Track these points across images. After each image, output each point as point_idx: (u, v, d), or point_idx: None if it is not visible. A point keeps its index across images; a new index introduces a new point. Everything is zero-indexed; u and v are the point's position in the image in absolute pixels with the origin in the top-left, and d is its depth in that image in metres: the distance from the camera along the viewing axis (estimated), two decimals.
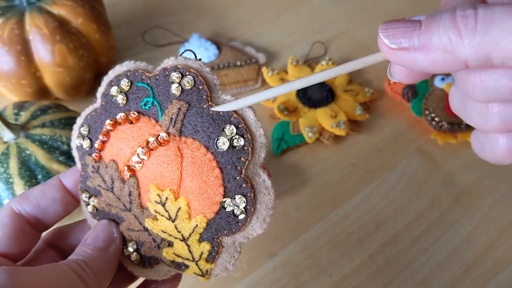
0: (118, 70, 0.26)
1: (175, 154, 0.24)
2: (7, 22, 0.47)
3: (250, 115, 0.24)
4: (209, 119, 0.23)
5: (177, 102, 0.24)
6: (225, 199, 0.23)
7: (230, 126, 0.23)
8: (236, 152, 0.23)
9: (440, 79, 0.54)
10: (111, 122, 0.25)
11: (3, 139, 0.42)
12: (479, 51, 0.17)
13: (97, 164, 0.26)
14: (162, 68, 0.25)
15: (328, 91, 0.54)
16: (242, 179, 0.23)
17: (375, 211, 0.47)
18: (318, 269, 0.44)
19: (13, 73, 0.47)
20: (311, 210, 0.47)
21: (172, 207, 0.24)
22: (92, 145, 0.26)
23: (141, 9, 0.69)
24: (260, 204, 0.24)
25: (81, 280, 0.22)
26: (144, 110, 0.25)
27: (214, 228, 0.24)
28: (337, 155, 0.52)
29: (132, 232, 0.26)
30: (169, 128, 0.24)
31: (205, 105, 0.24)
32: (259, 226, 0.24)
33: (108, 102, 0.26)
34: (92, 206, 0.27)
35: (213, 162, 0.23)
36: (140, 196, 0.25)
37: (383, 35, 0.19)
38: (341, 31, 0.64)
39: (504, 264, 0.44)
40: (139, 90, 0.25)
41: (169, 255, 0.25)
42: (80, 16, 0.50)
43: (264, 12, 0.68)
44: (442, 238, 0.46)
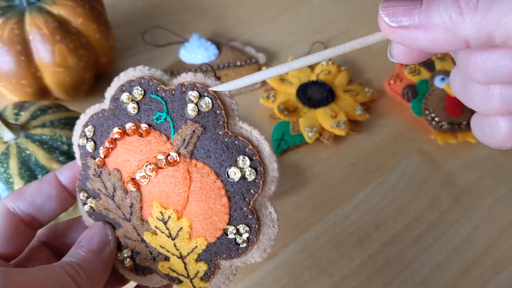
0: (131, 75, 0.25)
1: (183, 176, 0.23)
2: (7, 22, 0.47)
3: (266, 147, 0.23)
4: (223, 147, 0.23)
5: (192, 124, 0.23)
6: (228, 227, 0.23)
7: (244, 157, 0.23)
8: (247, 184, 0.23)
9: (440, 79, 0.54)
10: (119, 131, 0.24)
11: (3, 139, 0.42)
12: (480, 30, 0.17)
13: (100, 169, 0.25)
14: (179, 84, 0.24)
15: (328, 91, 0.54)
16: (249, 211, 0.23)
17: (375, 211, 0.47)
18: (318, 269, 0.44)
19: (13, 73, 0.47)
20: (311, 210, 0.47)
21: (174, 226, 0.24)
22: (96, 148, 0.25)
23: (141, 9, 0.69)
24: (263, 235, 0.24)
25: (75, 282, 0.22)
26: (156, 124, 0.24)
27: (214, 251, 0.24)
28: (337, 155, 0.52)
29: (128, 240, 0.26)
30: (180, 149, 0.23)
31: (221, 132, 0.23)
32: (259, 255, 0.24)
33: (118, 108, 0.25)
34: (89, 206, 0.26)
35: (222, 190, 0.23)
36: (142, 210, 0.24)
37: (383, 13, 0.19)
38: (341, 31, 0.64)
39: (504, 264, 0.44)
40: (152, 102, 0.24)
41: (164, 269, 0.25)
42: (80, 16, 0.50)
43: (264, 12, 0.68)
44: (442, 238, 0.46)
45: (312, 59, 0.22)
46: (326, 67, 0.58)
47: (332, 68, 0.57)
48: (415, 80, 0.55)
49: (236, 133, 0.23)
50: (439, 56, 0.57)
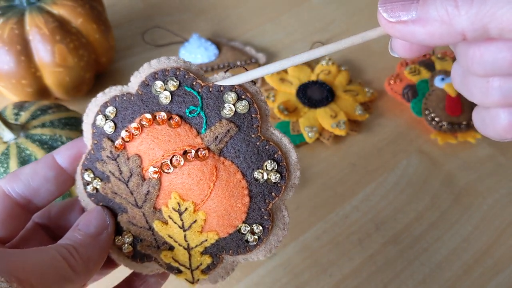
0: (165, 63, 0.24)
1: (210, 171, 0.23)
2: (7, 22, 0.47)
3: (293, 155, 0.24)
4: (254, 149, 0.24)
5: (228, 123, 0.23)
6: (243, 225, 0.24)
7: (272, 162, 0.24)
8: (270, 187, 0.24)
9: (440, 79, 0.54)
10: (149, 118, 0.24)
11: (3, 139, 0.42)
12: (476, 22, 0.17)
13: (117, 153, 0.25)
14: (220, 82, 0.24)
15: (328, 91, 0.54)
16: (267, 212, 0.24)
17: (375, 211, 0.47)
18: (318, 269, 0.44)
19: (13, 73, 0.47)
20: (311, 210, 0.47)
21: (188, 218, 0.24)
22: (115, 130, 0.25)
23: (141, 9, 0.69)
24: (273, 236, 0.25)
25: (69, 266, 0.21)
26: (187, 117, 0.24)
27: (222, 245, 0.25)
28: (337, 155, 0.52)
29: (133, 226, 0.25)
30: (210, 145, 0.23)
31: (254, 135, 0.24)
32: (263, 254, 0.25)
33: (147, 94, 0.24)
34: (92, 187, 0.26)
35: (245, 190, 0.24)
36: (157, 198, 0.25)
37: (382, 9, 0.20)
38: (341, 31, 0.64)
39: (504, 264, 0.44)
40: (187, 94, 0.24)
41: (167, 258, 0.25)
42: (80, 16, 0.50)
43: (264, 12, 0.68)
44: (442, 238, 0.46)
45: (313, 54, 0.22)
46: (326, 67, 0.58)
47: (332, 68, 0.57)
48: (415, 80, 0.55)
49: (267, 138, 0.24)
50: (439, 56, 0.57)
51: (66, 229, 0.25)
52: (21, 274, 0.19)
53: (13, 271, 0.19)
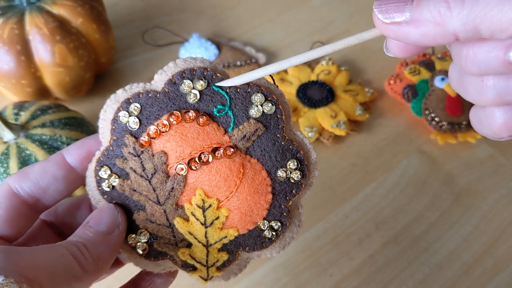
0: (191, 63, 0.25)
1: (238, 169, 0.24)
2: (7, 22, 0.47)
3: (313, 155, 0.26)
4: (280, 149, 0.25)
5: (256, 123, 0.24)
6: (263, 221, 0.25)
7: (295, 161, 0.25)
8: (291, 185, 0.25)
9: (440, 79, 0.54)
10: (178, 115, 0.24)
11: (3, 139, 0.42)
12: (467, 23, 0.17)
13: (141, 149, 0.25)
14: (246, 82, 0.25)
15: (328, 91, 0.54)
16: (286, 209, 0.25)
17: (375, 211, 0.47)
18: (318, 269, 0.44)
19: (13, 73, 0.47)
20: (311, 210, 0.47)
21: (211, 214, 0.25)
22: (140, 126, 0.25)
23: (141, 9, 0.69)
24: (288, 232, 0.26)
25: (79, 264, 0.21)
26: (215, 116, 0.24)
27: (239, 242, 0.25)
28: (337, 155, 0.52)
29: (150, 224, 0.25)
30: (238, 143, 0.24)
31: (279, 135, 0.25)
32: (277, 251, 0.26)
33: (175, 92, 0.24)
34: (108, 184, 0.25)
35: (269, 188, 0.25)
36: (181, 195, 0.25)
37: (377, 10, 0.20)
38: (341, 31, 0.64)
39: (504, 264, 0.44)
40: (215, 94, 0.24)
41: (184, 255, 0.26)
42: (80, 16, 0.50)
43: (264, 12, 0.68)
44: (442, 238, 0.46)
45: (311, 55, 0.23)
46: (326, 67, 0.58)
47: (332, 68, 0.57)
48: (415, 80, 0.55)
49: (291, 138, 0.25)
50: (439, 56, 0.57)
51: (73, 227, 0.25)
52: (30, 273, 0.19)
53: (22, 270, 0.19)
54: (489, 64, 0.19)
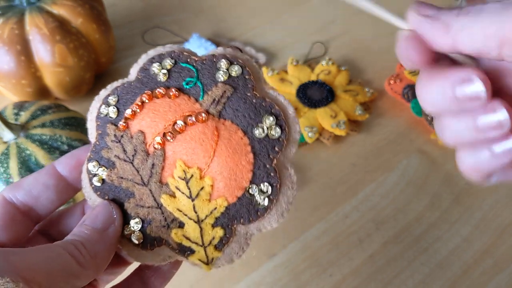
0: (161, 50, 0.26)
1: (212, 132, 0.24)
2: (7, 22, 0.47)
3: (290, 110, 0.25)
4: (252, 106, 0.25)
5: (223, 85, 0.25)
6: (251, 186, 0.24)
7: (271, 116, 0.24)
8: (272, 142, 0.24)
9: None
10: (149, 93, 0.25)
11: (3, 139, 0.42)
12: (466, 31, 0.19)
13: (120, 133, 0.25)
14: (210, 54, 0.26)
15: (328, 91, 0.54)
16: (272, 168, 0.24)
17: (375, 211, 0.47)
18: (319, 269, 0.44)
19: (13, 73, 0.47)
20: (311, 210, 0.47)
21: (196, 185, 0.24)
22: (118, 115, 0.26)
23: (141, 9, 0.69)
24: (282, 196, 0.24)
25: (77, 261, 0.21)
26: (185, 89, 0.25)
27: (232, 214, 0.24)
28: (337, 155, 0.52)
29: (140, 208, 0.25)
30: (209, 108, 0.25)
31: (249, 93, 0.25)
32: (276, 219, 0.25)
33: (146, 76, 0.26)
34: (99, 178, 0.26)
35: (248, 147, 0.24)
36: (163, 171, 0.25)
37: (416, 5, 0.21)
38: (341, 31, 0.64)
39: (504, 264, 0.44)
40: (183, 69, 0.26)
41: (178, 237, 0.25)
42: (80, 16, 0.50)
43: (264, 12, 0.68)
44: (442, 238, 0.46)
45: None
46: (326, 67, 0.58)
47: (332, 68, 0.57)
48: (415, 80, 0.55)
49: (263, 95, 0.25)
50: None
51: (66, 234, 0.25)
52: (27, 273, 0.19)
53: (19, 270, 0.19)
54: (439, 102, 0.19)
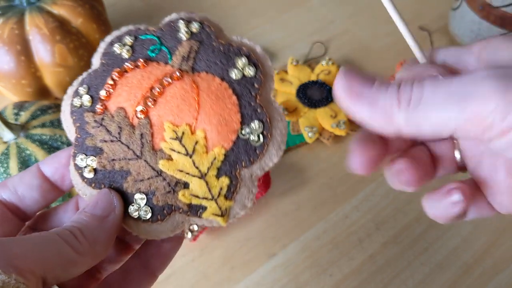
0: (117, 33, 0.27)
1: (190, 86, 0.25)
2: (7, 22, 0.47)
3: (258, 48, 0.26)
4: (221, 53, 0.25)
5: (188, 42, 0.26)
6: (242, 127, 0.24)
7: (241, 57, 0.25)
8: (249, 80, 0.25)
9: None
10: (118, 70, 0.25)
11: (3, 139, 0.42)
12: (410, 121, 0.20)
13: (100, 117, 0.25)
14: (167, 21, 0.27)
15: (328, 91, 0.54)
16: (258, 105, 0.25)
17: (375, 211, 0.47)
18: (318, 269, 0.44)
19: (13, 73, 0.48)
20: (311, 210, 0.47)
21: (189, 141, 0.24)
22: (93, 101, 0.26)
23: (141, 9, 0.69)
24: (275, 129, 0.25)
25: (73, 249, 0.21)
26: (152, 57, 0.26)
27: (232, 160, 0.24)
28: (337, 155, 0.52)
29: (141, 183, 0.25)
30: (181, 66, 0.25)
31: (215, 43, 0.25)
32: (275, 153, 0.25)
33: (110, 58, 0.26)
34: (90, 169, 0.25)
35: (228, 90, 0.25)
36: (153, 137, 0.25)
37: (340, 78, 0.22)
38: (341, 31, 0.64)
39: (504, 264, 0.44)
40: (144, 41, 0.26)
41: (186, 198, 0.25)
42: (80, 16, 0.50)
43: (264, 12, 0.68)
44: (442, 238, 0.46)
45: None
46: (326, 67, 0.58)
47: (332, 68, 0.57)
48: None
49: (229, 42, 0.26)
50: None
51: None
52: (20, 262, 0.18)
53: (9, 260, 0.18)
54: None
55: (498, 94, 0.18)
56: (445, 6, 0.66)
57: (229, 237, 0.46)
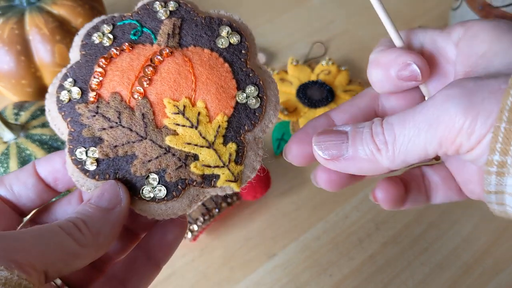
0: (91, 24, 0.27)
1: (183, 60, 0.25)
2: (7, 22, 0.47)
3: (236, 17, 0.28)
4: (204, 26, 0.26)
5: (169, 20, 0.26)
6: (239, 93, 0.25)
7: (224, 27, 0.26)
8: (237, 46, 0.26)
9: None
10: (104, 57, 0.25)
11: (3, 139, 0.42)
12: (395, 161, 0.21)
13: (94, 105, 0.25)
14: (142, 4, 0.27)
15: (328, 91, 0.54)
16: (249, 69, 0.26)
17: (375, 211, 0.47)
18: (318, 269, 0.44)
19: (13, 73, 0.48)
20: (311, 210, 0.47)
21: (192, 113, 0.25)
22: (83, 93, 0.25)
23: None
24: (268, 91, 0.26)
25: (75, 240, 0.20)
26: (135, 40, 0.26)
27: (235, 125, 0.25)
28: None
29: (149, 163, 0.24)
30: (168, 43, 0.25)
31: (196, 17, 0.26)
32: (273, 113, 0.26)
33: (91, 49, 0.26)
34: (91, 161, 0.24)
35: (220, 59, 0.25)
36: (155, 116, 0.25)
37: (317, 147, 0.23)
38: (341, 31, 0.64)
39: (504, 264, 0.44)
40: (124, 26, 0.26)
41: (198, 169, 0.24)
42: (80, 16, 0.50)
43: (264, 12, 0.68)
44: (442, 238, 0.46)
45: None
46: (326, 67, 0.58)
47: (332, 68, 0.57)
48: None
49: (208, 15, 0.27)
50: None
51: None
52: (20, 256, 0.18)
53: (10, 254, 0.18)
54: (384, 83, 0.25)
55: (460, 115, 0.19)
56: (445, 6, 0.66)
57: (229, 237, 0.46)
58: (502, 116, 0.18)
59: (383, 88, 0.25)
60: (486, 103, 0.19)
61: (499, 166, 0.19)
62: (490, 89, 0.19)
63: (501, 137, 0.18)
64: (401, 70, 0.23)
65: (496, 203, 0.21)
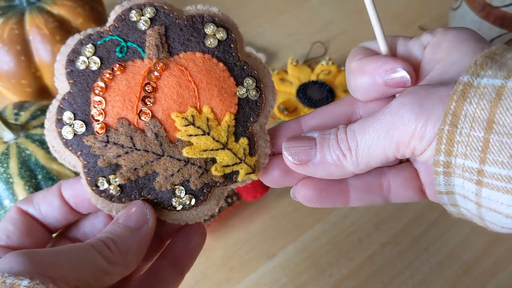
0: (68, 47, 0.26)
1: (179, 70, 0.25)
2: (7, 22, 0.47)
3: (215, 9, 0.27)
4: (189, 28, 0.25)
5: (152, 29, 0.25)
6: (238, 88, 0.25)
7: (208, 25, 0.25)
8: (226, 43, 0.26)
9: None
10: (101, 85, 0.25)
11: (3, 139, 0.42)
12: (359, 165, 0.23)
13: (104, 135, 0.25)
14: (116, 16, 0.26)
15: (328, 91, 0.54)
16: (242, 62, 0.26)
17: (375, 211, 0.47)
18: (318, 269, 0.44)
19: (13, 73, 0.48)
20: (310, 211, 0.47)
21: (201, 121, 0.25)
22: (87, 125, 0.25)
23: None
24: (264, 78, 0.26)
25: (105, 259, 0.22)
26: (123, 58, 0.25)
27: (242, 120, 0.26)
28: None
29: (172, 177, 0.25)
30: (159, 56, 0.25)
31: (178, 20, 0.25)
32: (272, 98, 0.27)
33: (79, 76, 0.25)
34: (114, 186, 0.25)
35: (213, 60, 0.25)
36: (167, 133, 0.25)
37: (287, 153, 0.24)
38: (341, 31, 0.64)
39: (504, 264, 0.44)
40: (105, 45, 0.25)
41: (218, 170, 0.26)
42: (80, 16, 0.50)
43: (264, 12, 0.68)
44: (442, 238, 0.46)
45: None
46: (326, 67, 0.58)
47: (332, 68, 0.57)
48: None
49: (188, 15, 0.26)
50: None
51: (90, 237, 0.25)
52: (53, 272, 0.19)
53: (45, 270, 0.19)
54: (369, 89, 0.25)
55: (413, 120, 0.20)
56: (445, 6, 0.66)
57: (229, 238, 0.46)
58: (446, 119, 0.19)
59: (367, 95, 0.25)
60: (435, 109, 0.20)
61: (445, 166, 0.20)
62: (440, 96, 0.20)
63: (445, 138, 0.20)
64: (389, 76, 0.23)
65: (450, 204, 0.22)
